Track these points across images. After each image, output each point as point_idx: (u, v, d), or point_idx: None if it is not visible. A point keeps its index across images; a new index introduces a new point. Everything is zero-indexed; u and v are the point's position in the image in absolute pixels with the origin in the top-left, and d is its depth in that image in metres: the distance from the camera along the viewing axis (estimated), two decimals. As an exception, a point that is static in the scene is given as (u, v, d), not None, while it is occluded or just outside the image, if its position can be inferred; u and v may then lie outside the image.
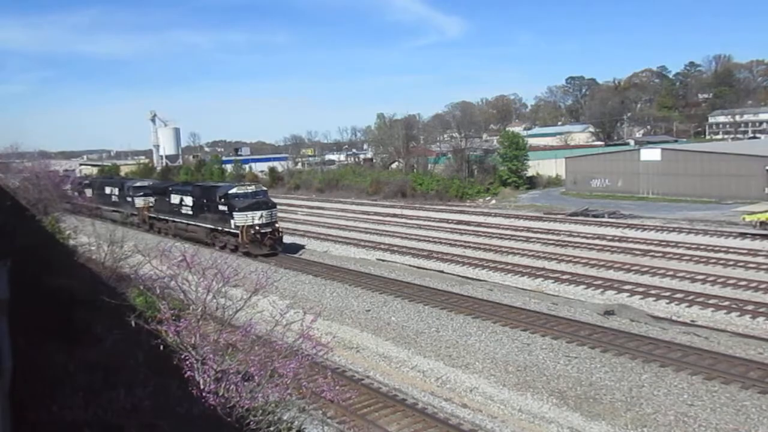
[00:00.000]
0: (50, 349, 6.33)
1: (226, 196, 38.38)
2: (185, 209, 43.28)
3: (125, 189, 54.03)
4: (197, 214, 41.72)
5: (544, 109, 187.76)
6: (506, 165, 77.48)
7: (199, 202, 41.39)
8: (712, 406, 16.03)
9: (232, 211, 37.70)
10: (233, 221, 37.71)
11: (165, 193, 46.70)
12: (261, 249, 37.25)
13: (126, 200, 53.38)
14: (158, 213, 48.09)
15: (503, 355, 20.56)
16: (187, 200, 42.90)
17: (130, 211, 52.44)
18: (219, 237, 39.76)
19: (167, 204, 45.94)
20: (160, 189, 49.37)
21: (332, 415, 16.80)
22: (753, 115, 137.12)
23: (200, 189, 43.10)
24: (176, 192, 45.29)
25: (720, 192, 56.51)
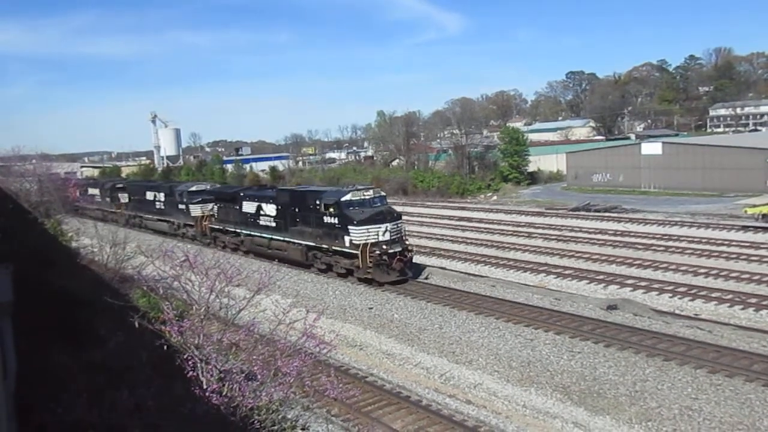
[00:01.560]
0: (54, 350, 6.35)
1: (337, 206, 29.62)
2: (265, 220, 35.65)
3: (176, 194, 45.64)
4: (285, 227, 33.71)
5: (545, 104, 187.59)
6: (507, 161, 77.44)
7: (289, 212, 33.38)
8: (716, 399, 16.02)
9: (346, 224, 29.01)
10: (348, 238, 29.00)
11: (234, 200, 38.81)
12: (388, 275, 28.52)
13: (177, 208, 45.20)
14: (224, 224, 40.16)
15: (507, 350, 20.56)
16: (268, 209, 35.18)
17: (183, 221, 44.82)
18: (323, 258, 31.66)
19: (237, 213, 38.33)
20: (227, 195, 41.01)
21: (336, 413, 16.82)
22: (754, 108, 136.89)
23: (291, 195, 34.41)
24: (250, 198, 37.40)
25: (721, 185, 56.43)
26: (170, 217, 46.79)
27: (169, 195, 47.09)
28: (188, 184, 49.97)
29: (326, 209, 30.14)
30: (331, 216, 29.89)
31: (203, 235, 42.36)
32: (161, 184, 54.18)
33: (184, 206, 44.19)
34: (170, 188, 48.16)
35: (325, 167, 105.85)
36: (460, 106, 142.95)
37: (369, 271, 28.45)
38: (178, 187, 47.70)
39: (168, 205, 47.04)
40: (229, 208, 39.45)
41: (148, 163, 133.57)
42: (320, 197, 31.11)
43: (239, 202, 37.99)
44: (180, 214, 45.00)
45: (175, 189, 46.80)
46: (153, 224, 49.72)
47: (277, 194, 35.60)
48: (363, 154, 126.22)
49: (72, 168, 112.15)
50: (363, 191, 30.37)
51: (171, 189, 47.66)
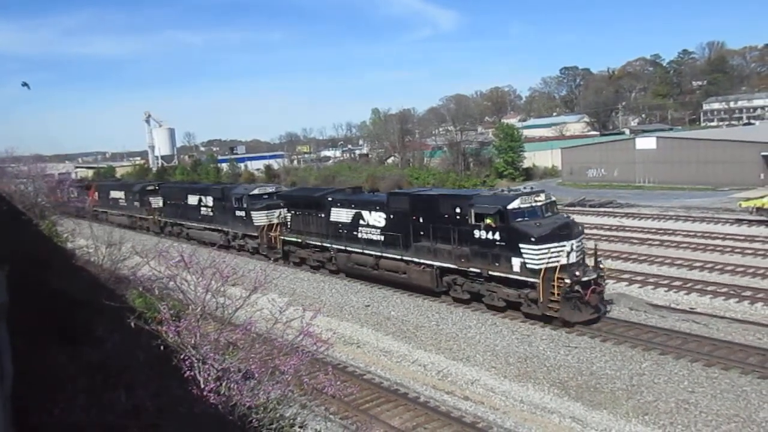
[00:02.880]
0: (51, 351, 6.34)
1: (500, 216, 22.07)
2: (368, 233, 28.39)
3: (232, 198, 38.39)
4: (402, 243, 26.25)
5: (539, 100, 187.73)
6: (502, 157, 77.58)
7: (411, 223, 25.82)
8: (712, 392, 16.11)
9: (517, 242, 21.54)
10: (519, 261, 21.51)
11: (317, 206, 31.69)
12: (581, 312, 21.09)
13: (234, 215, 38.33)
14: (302, 236, 32.77)
15: (504, 347, 20.61)
16: (374, 218, 28.13)
17: (241, 231, 37.92)
18: (467, 284, 24.43)
19: (322, 222, 31.19)
20: (306, 200, 33.38)
21: (334, 410, 16.84)
22: (747, 101, 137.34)
23: (413, 201, 26.42)
24: (344, 204, 30.09)
25: (716, 179, 56.66)
26: (223, 226, 39.75)
27: (222, 199, 39.83)
28: (248, 186, 43.09)
29: (480, 220, 22.77)
30: (490, 230, 22.41)
31: (270, 248, 35.12)
32: (210, 186, 45.92)
33: (243, 213, 37.27)
34: (223, 191, 40.38)
35: (320, 165, 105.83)
36: (455, 102, 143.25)
37: (553, 307, 21.07)
38: (234, 189, 40.03)
39: (219, 211, 40.02)
40: (309, 216, 32.07)
41: (142, 163, 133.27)
42: (469, 204, 23.27)
43: (325, 209, 30.83)
44: (237, 222, 38.07)
45: (231, 192, 39.27)
46: (198, 234, 42.42)
47: (390, 200, 27.79)
48: (358, 151, 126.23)
49: (66, 169, 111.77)
50: (533, 196, 22.55)
51: (224, 192, 40.11)
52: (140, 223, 52.24)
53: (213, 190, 42.49)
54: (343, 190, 33.64)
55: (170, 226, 47.41)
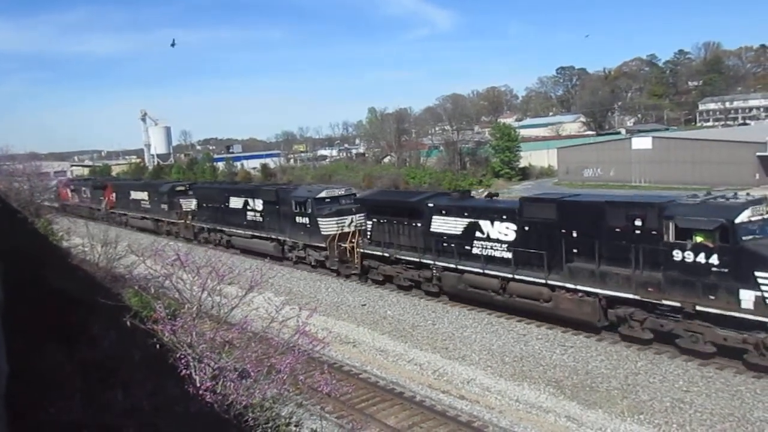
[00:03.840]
0: (46, 350, 6.33)
1: (723, 233, 16.51)
2: (490, 249, 22.87)
3: (292, 203, 32.96)
4: (549, 263, 20.63)
5: (535, 100, 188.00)
6: (498, 157, 77.75)
7: (564, 239, 20.05)
8: (707, 391, 16.16)
9: (751, 268, 15.94)
10: (756, 295, 15.83)
11: (413, 214, 26.13)
12: None
13: (294, 222, 32.85)
14: (392, 249, 27.04)
15: (499, 346, 20.64)
16: (501, 230, 22.42)
17: (304, 241, 32.54)
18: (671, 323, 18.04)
19: (419, 233, 25.66)
20: (397, 205, 27.74)
21: (330, 409, 16.84)
22: (743, 102, 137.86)
23: (566, 209, 20.54)
24: (451, 212, 24.53)
25: (711, 179, 56.81)
26: (277, 234, 34.56)
27: (275, 202, 34.67)
28: (312, 187, 36.94)
29: (684, 237, 17.22)
30: (702, 251, 16.78)
31: (342, 262, 30.13)
32: (259, 188, 39.91)
33: (306, 219, 31.90)
34: (277, 193, 35.02)
35: (317, 164, 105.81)
36: (452, 102, 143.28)
37: None
38: (294, 191, 34.51)
39: (272, 217, 34.98)
40: (400, 226, 26.71)
41: (138, 161, 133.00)
42: (663, 215, 17.78)
43: (424, 217, 25.47)
44: (297, 230, 32.82)
45: (290, 194, 33.89)
46: (243, 242, 37.70)
47: (524, 207, 21.76)
48: (354, 151, 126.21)
49: (62, 167, 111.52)
50: (764, 206, 17.22)
51: (280, 194, 34.71)
52: (168, 228, 47.17)
53: (264, 191, 36.86)
54: (447, 194, 27.96)
55: (207, 232, 41.78)
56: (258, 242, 36.31)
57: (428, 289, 26.10)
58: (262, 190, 37.46)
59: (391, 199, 29.79)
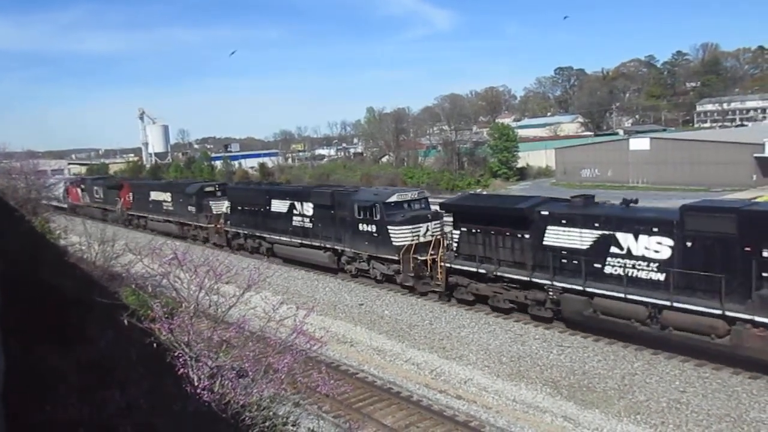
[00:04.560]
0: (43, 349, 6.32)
1: None
2: (632, 268, 18.84)
3: (350, 207, 28.92)
4: (728, 290, 16.42)
5: (533, 100, 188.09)
6: (496, 157, 77.83)
7: (756, 261, 15.91)
8: (703, 392, 16.20)
9: None
10: None
11: (518, 223, 21.94)
12: None
13: (356, 229, 28.50)
14: (488, 264, 23.00)
15: (497, 346, 20.66)
16: (649, 245, 18.45)
17: (366, 252, 28.36)
18: None
19: (527, 247, 21.71)
20: (495, 212, 23.25)
21: (327, 409, 16.83)
22: (740, 103, 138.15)
23: (755, 221, 16.49)
24: (573, 222, 20.49)
25: (709, 180, 56.98)
26: (334, 243, 30.17)
27: (330, 207, 30.41)
28: (379, 190, 32.72)
29: None
30: None
31: (419, 277, 26.11)
32: (309, 190, 34.31)
33: (372, 227, 27.52)
34: (333, 196, 30.77)
35: (315, 164, 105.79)
36: (450, 102, 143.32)
37: None
38: (356, 195, 30.09)
39: (326, 223, 30.65)
40: (498, 237, 22.68)
41: (136, 160, 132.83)
42: None
43: (534, 228, 21.42)
44: (360, 239, 28.41)
45: (351, 198, 29.55)
46: (289, 251, 33.50)
47: (687, 218, 17.64)
48: (352, 150, 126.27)
49: (59, 165, 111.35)
50: None
51: (336, 197, 30.47)
52: (195, 233, 43.17)
53: (317, 194, 32.22)
54: (566, 201, 22.49)
55: (242, 239, 37.89)
56: (308, 252, 31.95)
57: (538, 313, 21.79)
58: (314, 193, 32.58)
59: (487, 206, 24.88)
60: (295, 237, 32.72)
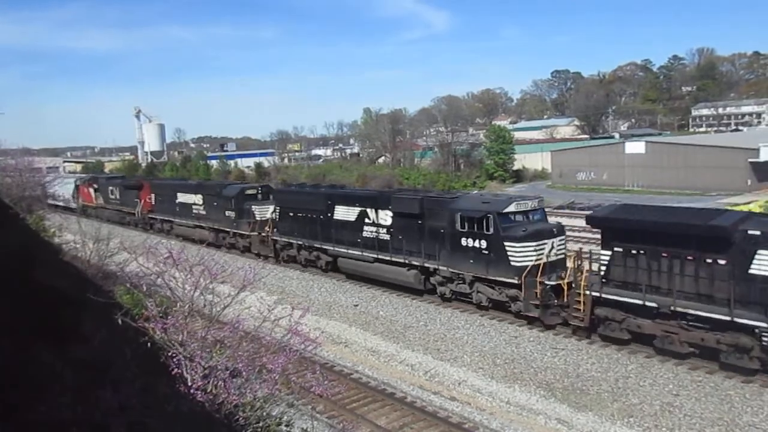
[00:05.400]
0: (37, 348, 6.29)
1: None
2: None
3: (449, 218, 23.91)
4: None
5: (530, 102, 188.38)
6: (492, 159, 77.88)
7: None
8: (696, 395, 16.25)
9: None
10: None
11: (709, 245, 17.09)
12: None
13: (457, 245, 23.52)
14: (660, 297, 18.25)
15: (491, 348, 20.68)
16: None
17: (472, 273, 23.29)
18: None
19: (731, 276, 16.67)
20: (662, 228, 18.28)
21: (321, 409, 16.84)
22: (736, 108, 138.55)
23: None
24: None
25: (704, 184, 57.15)
26: (425, 260, 25.16)
27: (418, 217, 25.43)
28: (486, 197, 27.10)
29: None
30: None
31: (545, 307, 21.24)
32: (387, 195, 28.57)
33: (481, 243, 22.60)
34: (422, 203, 25.45)
35: (311, 164, 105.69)
36: (447, 103, 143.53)
37: None
38: (456, 203, 24.48)
39: (410, 236, 25.82)
40: (678, 262, 17.90)
41: (132, 158, 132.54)
42: None
43: (735, 252, 16.67)
44: (463, 257, 23.43)
45: (448, 207, 24.26)
46: (364, 268, 28.36)
47: None
48: (349, 151, 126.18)
49: (54, 163, 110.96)
50: None
51: (426, 205, 25.32)
52: (233, 241, 38.60)
53: (398, 201, 26.74)
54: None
55: (295, 249, 33.22)
56: (385, 269, 27.10)
57: (737, 362, 16.79)
58: (395, 199, 27.16)
59: (659, 221, 18.82)
60: (368, 251, 27.82)
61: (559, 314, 21.40)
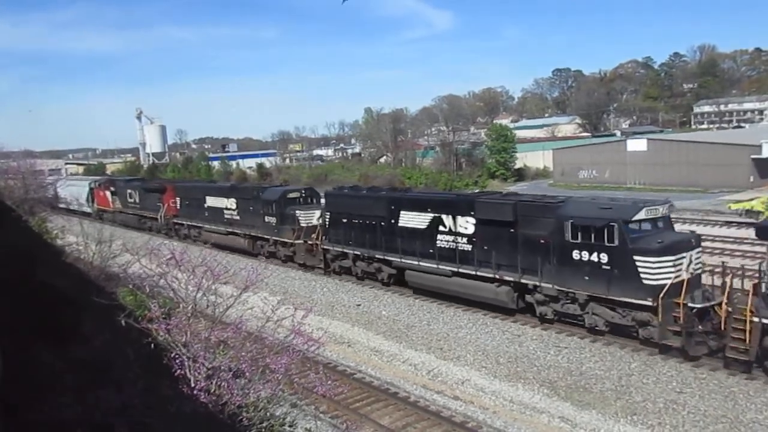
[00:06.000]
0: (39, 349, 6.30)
1: None
2: None
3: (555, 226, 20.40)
4: None
5: (531, 101, 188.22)
6: (494, 157, 77.84)
7: None
8: (700, 393, 16.22)
9: None
10: None
11: None
12: None
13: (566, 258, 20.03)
14: None
15: (494, 346, 20.66)
16: None
17: (586, 291, 19.66)
18: None
19: None
20: None
21: (325, 409, 16.84)
22: (737, 105, 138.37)
23: None
24: None
25: (706, 181, 57.03)
26: (522, 276, 21.58)
27: (509, 224, 21.94)
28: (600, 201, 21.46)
29: None
30: None
31: (688, 334, 17.79)
32: (465, 199, 25.39)
33: (602, 257, 19.10)
34: (515, 209, 21.86)
35: (313, 164, 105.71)
36: (448, 103, 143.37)
37: None
38: (564, 208, 20.81)
39: (498, 246, 22.35)
40: None
41: (133, 159, 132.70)
42: None
43: None
44: (574, 272, 19.83)
45: (559, 213, 20.58)
46: (440, 282, 24.85)
47: None
48: (350, 151, 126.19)
49: (56, 165, 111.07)
50: None
51: (519, 211, 21.80)
52: (274, 249, 35.28)
53: (484, 206, 23.27)
54: None
55: (350, 260, 29.75)
56: (467, 284, 23.81)
57: None
58: (480, 204, 23.49)
59: None
60: (444, 263, 24.45)
61: (705, 343, 17.83)
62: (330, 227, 30.73)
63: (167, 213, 46.27)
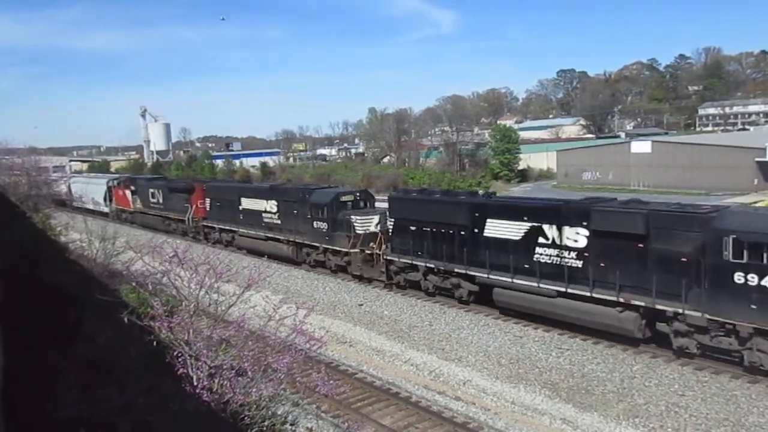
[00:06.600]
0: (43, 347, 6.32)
1: None
2: None
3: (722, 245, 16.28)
4: None
5: (535, 102, 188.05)
6: (498, 158, 77.88)
7: None
8: (702, 396, 16.19)
9: None
10: None
11: None
12: None
13: (728, 281, 16.20)
14: None
15: (496, 348, 20.65)
16: None
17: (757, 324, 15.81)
18: None
19: None
20: None
21: (326, 409, 16.85)
22: (742, 107, 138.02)
23: None
24: None
25: (710, 184, 56.94)
26: (656, 301, 18.07)
27: (638, 237, 18.53)
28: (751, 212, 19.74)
29: None
30: None
31: None
32: (574, 206, 21.52)
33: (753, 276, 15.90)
34: (646, 220, 18.42)
35: (316, 164, 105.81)
36: (452, 103, 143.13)
37: None
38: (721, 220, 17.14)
39: (623, 264, 18.97)
40: None
41: (137, 157, 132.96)
42: None
43: None
44: (735, 298, 16.36)
45: (713, 226, 16.94)
46: (541, 304, 21.43)
47: None
48: (354, 150, 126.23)
49: (61, 162, 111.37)
50: None
51: (652, 221, 18.35)
52: (323, 258, 32.08)
53: (601, 215, 19.86)
54: None
55: (420, 273, 26.36)
56: (579, 308, 20.30)
57: None
58: (596, 213, 19.99)
59: None
60: (546, 281, 21.13)
61: None
62: (395, 235, 27.31)
63: (195, 214, 43.29)
